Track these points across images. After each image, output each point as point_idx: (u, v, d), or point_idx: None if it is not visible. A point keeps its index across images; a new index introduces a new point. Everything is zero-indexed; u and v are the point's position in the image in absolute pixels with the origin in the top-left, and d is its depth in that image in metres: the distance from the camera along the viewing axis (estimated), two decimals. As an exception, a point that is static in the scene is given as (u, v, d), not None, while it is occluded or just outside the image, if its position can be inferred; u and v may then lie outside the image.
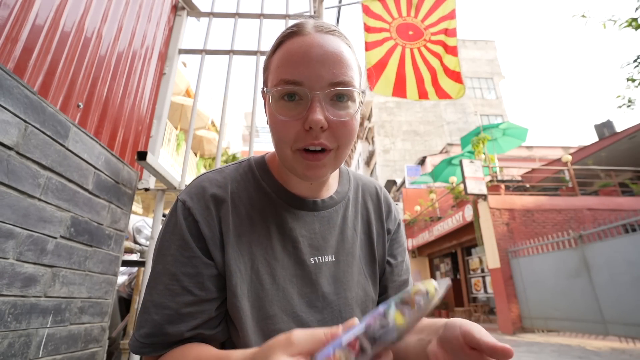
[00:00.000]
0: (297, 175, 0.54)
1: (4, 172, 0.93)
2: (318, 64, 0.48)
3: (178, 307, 0.49)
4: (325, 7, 2.35)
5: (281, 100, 0.50)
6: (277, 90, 0.49)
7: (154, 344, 0.49)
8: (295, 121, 0.49)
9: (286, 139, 0.50)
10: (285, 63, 0.50)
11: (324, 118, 0.48)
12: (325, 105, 0.49)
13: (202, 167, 10.52)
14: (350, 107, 0.51)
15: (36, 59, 1.11)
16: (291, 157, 0.51)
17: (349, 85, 0.50)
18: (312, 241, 0.59)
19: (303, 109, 0.49)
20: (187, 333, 0.49)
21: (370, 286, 0.63)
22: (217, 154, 1.91)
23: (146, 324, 0.49)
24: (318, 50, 0.49)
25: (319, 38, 0.50)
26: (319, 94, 0.48)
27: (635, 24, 5.42)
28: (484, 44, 24.74)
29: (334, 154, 0.52)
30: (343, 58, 0.50)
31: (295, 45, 0.50)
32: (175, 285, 0.50)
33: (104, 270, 1.41)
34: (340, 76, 0.49)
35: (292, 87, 0.48)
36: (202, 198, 0.54)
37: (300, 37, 0.50)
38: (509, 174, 12.25)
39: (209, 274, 0.52)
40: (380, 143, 22.06)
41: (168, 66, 2.05)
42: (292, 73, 0.48)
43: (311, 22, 0.52)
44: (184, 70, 9.21)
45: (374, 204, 0.70)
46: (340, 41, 0.52)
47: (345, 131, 0.50)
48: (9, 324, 0.96)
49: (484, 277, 10.43)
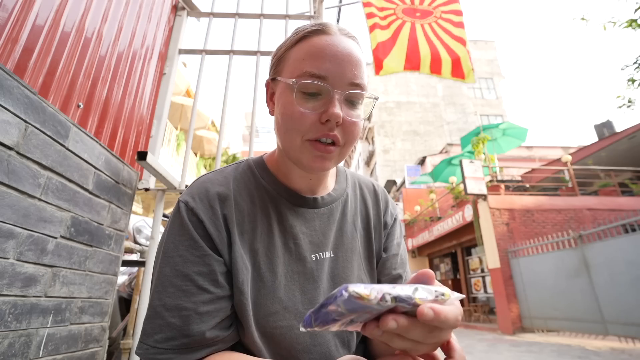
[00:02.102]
0: (301, 165, 0.55)
1: (4, 172, 0.93)
2: (344, 62, 0.52)
3: (196, 306, 0.49)
4: (325, 7, 2.35)
5: (302, 92, 0.52)
6: (303, 82, 0.51)
7: (176, 348, 0.47)
8: (313, 114, 0.51)
9: (301, 129, 0.52)
10: (311, 56, 0.52)
11: (341, 114, 0.51)
12: (341, 104, 0.52)
13: (202, 167, 10.52)
14: (360, 109, 0.55)
15: (36, 59, 1.11)
16: (299, 146, 0.53)
17: (364, 89, 0.54)
18: (312, 238, 0.60)
19: (322, 104, 0.52)
20: (209, 332, 0.48)
21: (368, 282, 0.64)
22: (217, 154, 1.91)
23: (162, 329, 0.48)
24: (344, 51, 0.52)
25: (344, 40, 0.54)
26: (339, 92, 0.51)
27: (635, 24, 5.42)
28: (484, 44, 24.74)
29: (340, 150, 0.54)
30: (361, 62, 0.54)
31: (323, 42, 0.53)
32: (190, 286, 0.49)
33: (104, 270, 1.41)
34: (359, 78, 0.53)
35: (317, 81, 0.51)
36: (205, 197, 0.55)
37: (327, 36, 0.54)
38: (508, 174, 12.24)
39: (222, 271, 0.52)
40: (380, 143, 22.06)
41: (168, 66, 2.05)
42: (319, 67, 0.51)
43: (334, 25, 0.56)
44: (184, 70, 9.21)
45: (372, 201, 0.71)
46: (359, 48, 0.56)
47: (354, 131, 0.54)
48: (9, 323, 0.96)
49: (483, 277, 10.44)
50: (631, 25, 5.44)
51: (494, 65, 24.16)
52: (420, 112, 22.96)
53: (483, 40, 24.86)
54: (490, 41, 24.91)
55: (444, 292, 0.36)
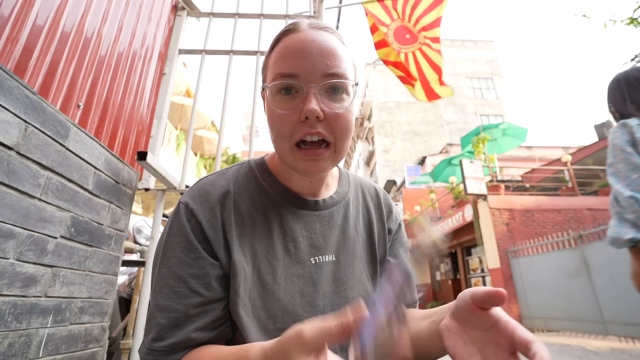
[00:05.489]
0: (297, 171, 0.54)
1: (4, 172, 0.93)
2: (312, 55, 0.50)
3: (186, 309, 0.49)
4: (325, 8, 2.35)
5: (278, 94, 0.52)
6: (274, 84, 0.51)
7: (161, 349, 0.48)
8: (293, 114, 0.50)
9: (284, 132, 0.51)
10: (281, 58, 0.52)
11: (319, 108, 0.49)
12: (321, 97, 0.50)
13: (202, 167, 10.52)
14: (345, 99, 0.53)
15: (36, 59, 1.11)
16: (290, 152, 0.52)
17: (343, 78, 0.51)
18: (312, 241, 0.59)
19: (300, 101, 0.50)
20: (194, 334, 0.49)
21: (371, 286, 0.63)
22: (217, 154, 1.91)
23: (153, 329, 0.49)
24: (312, 44, 0.51)
25: (312, 33, 0.53)
26: (314, 86, 0.50)
27: (635, 23, 5.42)
28: (484, 44, 24.73)
29: (333, 148, 0.53)
30: (336, 51, 0.52)
31: (291, 41, 0.52)
32: (182, 288, 0.50)
33: (104, 270, 1.41)
34: (333, 68, 0.51)
35: (288, 80, 0.50)
36: (206, 200, 0.55)
37: (295, 34, 0.53)
38: (508, 174, 12.24)
39: (216, 275, 0.52)
40: (380, 143, 22.05)
41: (168, 66, 2.05)
42: (287, 66, 0.51)
43: (305, 21, 0.55)
44: (184, 70, 9.22)
45: (374, 205, 0.70)
46: (332, 36, 0.54)
47: (341, 123, 0.52)
48: (9, 323, 0.96)
49: (484, 277, 10.43)
50: (633, 22, 5.43)
51: (494, 65, 24.15)
52: (420, 112, 22.95)
53: (483, 40, 24.86)
54: (490, 41, 24.90)
55: None
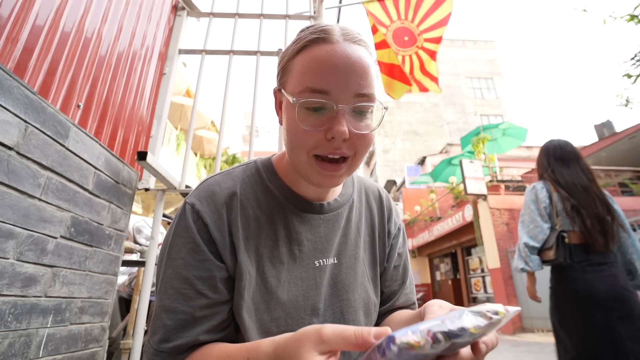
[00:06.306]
0: (311, 182, 0.53)
1: (4, 172, 0.93)
2: (346, 74, 0.48)
3: (193, 311, 0.49)
4: (325, 8, 2.35)
5: (305, 109, 0.49)
6: (305, 101, 0.48)
7: (168, 350, 0.48)
8: (317, 131, 0.49)
9: (306, 146, 0.50)
10: (311, 70, 0.49)
11: (347, 130, 0.48)
12: (349, 117, 0.49)
13: (202, 167, 10.52)
14: (371, 120, 0.51)
15: (36, 59, 1.11)
16: (306, 162, 0.51)
17: (373, 100, 0.50)
18: (316, 244, 0.59)
19: (327, 119, 0.48)
20: (202, 336, 0.49)
21: (372, 289, 0.63)
22: (217, 154, 1.90)
23: (159, 330, 0.49)
24: (347, 61, 0.48)
25: (347, 48, 0.49)
26: (343, 107, 0.48)
27: (636, 20, 5.42)
28: (483, 44, 24.74)
29: (350, 161, 0.52)
30: (369, 70, 0.50)
31: (323, 53, 0.49)
32: (189, 289, 0.49)
33: (104, 270, 1.41)
34: (365, 88, 0.49)
35: (319, 96, 0.48)
36: (212, 201, 0.54)
37: (327, 45, 0.49)
38: (509, 174, 12.23)
39: (221, 277, 0.51)
40: (380, 143, 22.05)
41: (168, 66, 2.05)
42: (319, 82, 0.48)
43: (338, 29, 0.51)
44: (184, 70, 9.21)
45: (377, 207, 0.70)
46: (366, 52, 0.51)
47: (364, 142, 0.51)
48: (9, 323, 0.96)
49: (483, 277, 10.42)
50: (633, 19, 5.43)
51: (494, 65, 24.16)
52: (420, 112, 22.96)
53: (483, 40, 24.86)
54: (490, 41, 24.90)
55: (497, 309, 0.33)
